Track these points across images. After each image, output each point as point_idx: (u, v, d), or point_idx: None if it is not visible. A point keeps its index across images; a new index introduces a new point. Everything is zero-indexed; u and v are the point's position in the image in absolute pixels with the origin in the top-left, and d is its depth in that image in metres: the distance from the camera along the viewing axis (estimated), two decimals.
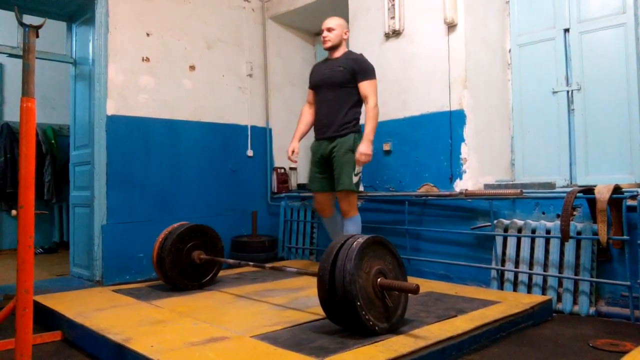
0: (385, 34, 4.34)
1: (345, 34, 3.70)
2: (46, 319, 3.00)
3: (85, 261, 4.34)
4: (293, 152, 3.81)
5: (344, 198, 3.58)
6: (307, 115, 3.88)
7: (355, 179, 3.53)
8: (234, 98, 5.21)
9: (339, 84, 3.58)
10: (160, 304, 3.09)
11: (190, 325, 2.59)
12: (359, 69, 3.56)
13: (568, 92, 3.80)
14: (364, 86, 3.54)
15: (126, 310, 2.96)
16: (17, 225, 1.93)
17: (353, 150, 3.51)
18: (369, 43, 4.48)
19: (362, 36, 4.57)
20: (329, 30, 3.63)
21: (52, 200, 6.18)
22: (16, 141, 5.90)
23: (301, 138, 3.90)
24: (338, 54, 3.68)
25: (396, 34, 4.28)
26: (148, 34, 4.54)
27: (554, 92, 3.86)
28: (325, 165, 3.69)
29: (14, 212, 2.15)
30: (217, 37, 5.08)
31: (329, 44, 3.65)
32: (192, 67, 4.86)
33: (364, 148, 3.43)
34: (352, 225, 3.59)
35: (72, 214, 4.64)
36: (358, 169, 3.54)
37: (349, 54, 3.70)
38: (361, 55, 3.69)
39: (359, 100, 3.61)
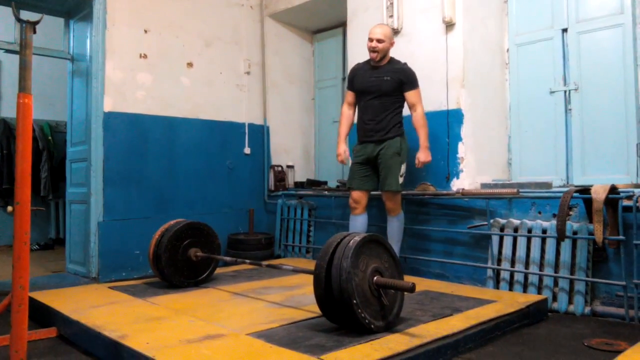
0: None
1: (392, 44, 3.75)
2: (42, 315, 2.99)
3: (81, 258, 4.33)
4: (343, 153, 3.89)
5: (391, 198, 3.70)
6: (349, 116, 3.95)
7: (400, 180, 3.67)
8: (231, 96, 5.20)
9: (386, 93, 3.68)
10: (156, 301, 3.09)
11: (187, 323, 2.59)
12: (406, 80, 3.67)
13: (565, 92, 3.80)
14: (412, 95, 3.67)
15: (122, 307, 2.96)
16: (13, 221, 1.92)
17: (399, 152, 3.63)
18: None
19: (360, 34, 4.55)
20: (379, 41, 3.64)
21: (49, 197, 6.16)
22: (13, 137, 5.87)
23: (346, 139, 3.97)
24: (383, 62, 3.74)
25: (395, 32, 4.27)
26: (146, 31, 4.53)
27: (552, 92, 3.87)
28: (369, 166, 3.77)
29: (9, 208, 2.14)
30: (215, 34, 5.07)
31: (378, 57, 3.68)
32: (190, 65, 4.85)
33: (424, 156, 3.64)
34: (397, 223, 3.77)
35: (68, 211, 4.63)
36: (403, 170, 3.68)
37: (394, 63, 3.75)
38: (406, 64, 3.76)
39: (401, 106, 3.74)
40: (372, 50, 3.68)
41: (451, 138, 3.90)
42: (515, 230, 3.49)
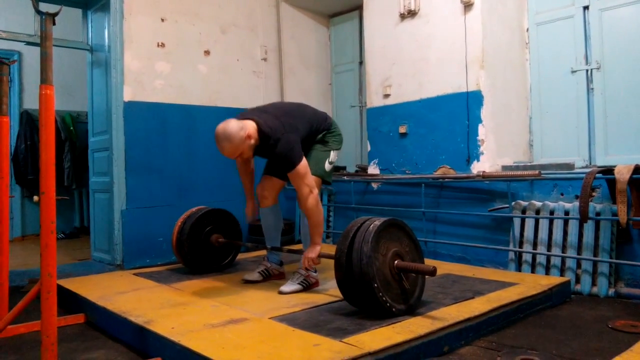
0: (401, 14, 4.29)
1: (248, 137, 2.75)
2: (70, 302, 3.07)
3: (106, 246, 4.41)
4: (251, 213, 3.37)
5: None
6: (247, 172, 3.39)
7: (328, 167, 3.10)
8: (248, 82, 5.20)
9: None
10: (180, 287, 3.14)
11: (210, 307, 2.63)
12: (281, 162, 2.87)
13: (587, 71, 3.73)
14: (291, 179, 2.90)
15: (147, 293, 3.01)
16: (39, 211, 1.96)
17: (323, 142, 3.07)
18: (384, 24, 4.44)
19: (377, 17, 4.52)
20: (238, 157, 2.85)
21: (72, 186, 6.27)
22: (36, 128, 5.97)
23: (253, 194, 3.41)
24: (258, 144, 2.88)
25: (412, 14, 4.22)
26: (163, 20, 4.55)
27: (573, 72, 3.79)
28: None
29: (35, 198, 2.18)
30: (231, 21, 5.06)
31: (251, 159, 3.18)
32: (207, 52, 4.86)
33: (311, 252, 2.88)
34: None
35: (92, 200, 4.70)
36: (333, 157, 3.12)
37: (265, 140, 2.85)
38: (276, 141, 2.80)
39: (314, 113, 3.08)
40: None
41: (471, 120, 3.86)
42: (537, 212, 3.45)
